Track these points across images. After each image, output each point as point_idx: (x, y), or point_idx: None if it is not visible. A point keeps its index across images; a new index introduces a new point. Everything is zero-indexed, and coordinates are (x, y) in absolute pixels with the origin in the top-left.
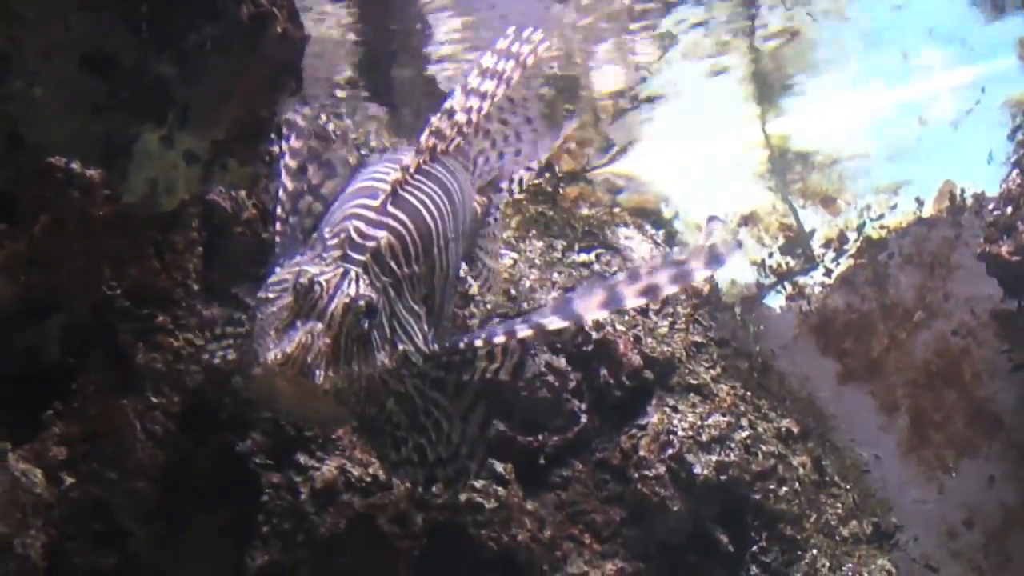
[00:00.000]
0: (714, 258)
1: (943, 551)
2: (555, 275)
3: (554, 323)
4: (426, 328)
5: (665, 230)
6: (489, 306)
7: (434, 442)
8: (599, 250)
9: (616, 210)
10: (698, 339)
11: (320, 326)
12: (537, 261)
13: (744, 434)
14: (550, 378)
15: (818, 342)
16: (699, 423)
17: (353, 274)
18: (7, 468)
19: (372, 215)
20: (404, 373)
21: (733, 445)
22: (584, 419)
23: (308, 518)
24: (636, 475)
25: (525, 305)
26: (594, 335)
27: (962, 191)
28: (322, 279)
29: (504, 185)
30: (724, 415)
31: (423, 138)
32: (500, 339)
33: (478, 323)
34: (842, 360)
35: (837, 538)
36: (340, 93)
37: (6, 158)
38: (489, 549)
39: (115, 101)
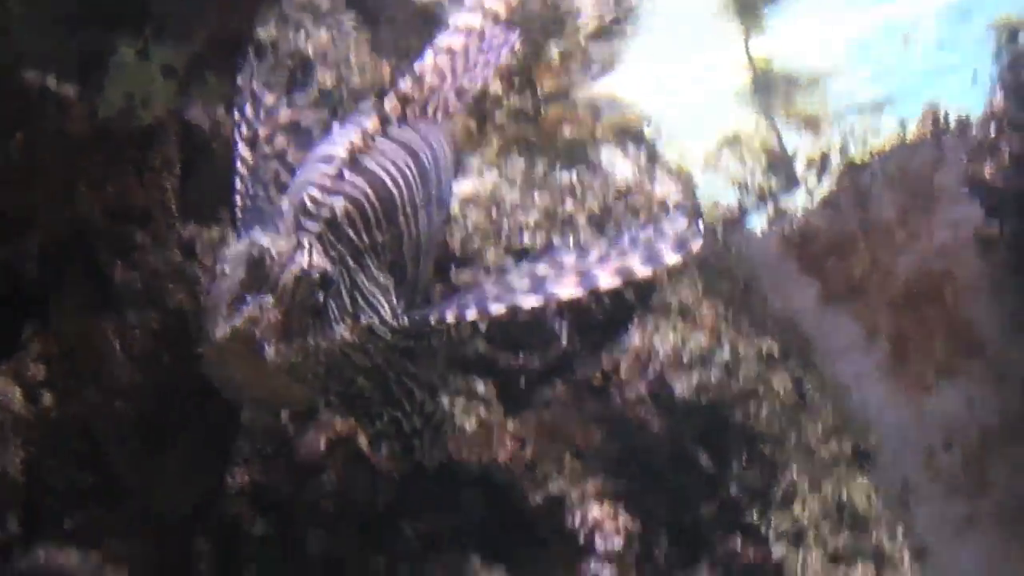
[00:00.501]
0: (681, 243)
1: (922, 472)
2: (536, 196)
3: (528, 301)
4: (394, 300)
5: (647, 150)
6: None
7: (408, 413)
8: (581, 168)
9: (598, 130)
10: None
11: (270, 299)
12: (519, 180)
13: (725, 355)
14: None
15: (800, 263)
16: (680, 344)
17: (307, 244)
18: None
19: (327, 182)
20: (370, 347)
21: (714, 366)
22: (565, 340)
23: (289, 438)
24: (617, 396)
25: (506, 223)
26: None
27: (946, 113)
28: (273, 250)
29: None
30: (705, 336)
31: (386, 103)
32: (472, 315)
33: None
34: (824, 281)
35: (817, 458)
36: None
37: None
38: (470, 468)
39: (90, 14)
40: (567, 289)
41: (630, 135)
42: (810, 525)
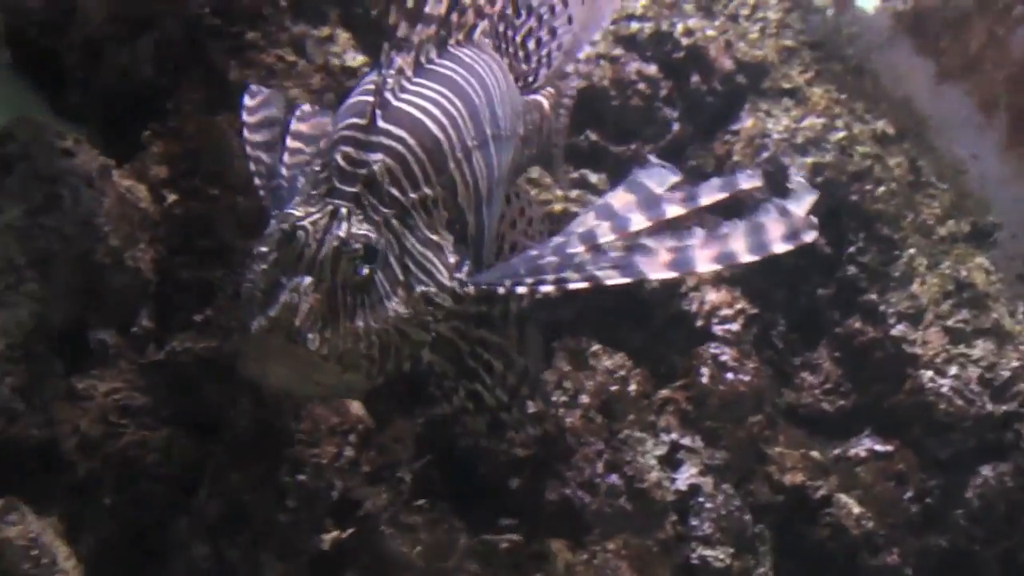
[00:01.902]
0: (793, 234)
1: None
2: None
3: (612, 278)
4: (452, 260)
5: None
6: None
7: (490, 386)
8: None
9: None
10: (790, 43)
11: (308, 280)
12: None
13: (839, 135)
14: (641, 86)
15: (913, 42)
16: (793, 126)
17: (344, 211)
18: (113, 185)
19: (360, 135)
20: (428, 319)
21: (828, 146)
22: (676, 126)
23: None
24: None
25: None
26: (684, 41)
27: None
28: (306, 222)
29: (570, 68)
30: (819, 117)
31: (417, 30)
32: (548, 287)
33: None
34: (938, 59)
35: (934, 237)
36: None
37: None
38: None
39: None
40: (659, 270)
41: None
42: (929, 304)
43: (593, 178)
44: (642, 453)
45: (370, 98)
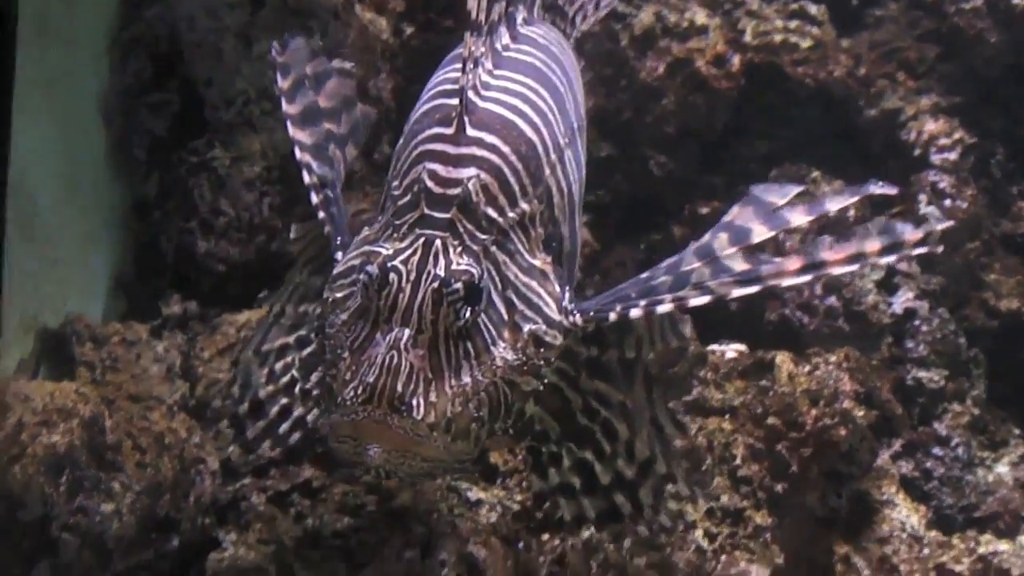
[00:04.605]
0: (926, 239)
1: None
2: None
3: (736, 292)
4: (558, 289)
5: None
6: None
7: (607, 456)
8: None
9: None
10: None
11: (407, 333)
12: None
13: None
14: None
15: None
16: None
17: (438, 244)
18: (356, 17)
19: (449, 148)
20: (539, 364)
21: None
22: None
23: (629, 63)
24: (952, 9)
25: None
26: None
27: None
28: (397, 262)
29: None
30: None
31: (492, 13)
32: (667, 307)
33: None
34: None
35: None
36: None
37: None
38: (806, 87)
39: None
40: (788, 276)
41: None
42: None
43: (812, 9)
44: (859, 277)
45: (450, 100)
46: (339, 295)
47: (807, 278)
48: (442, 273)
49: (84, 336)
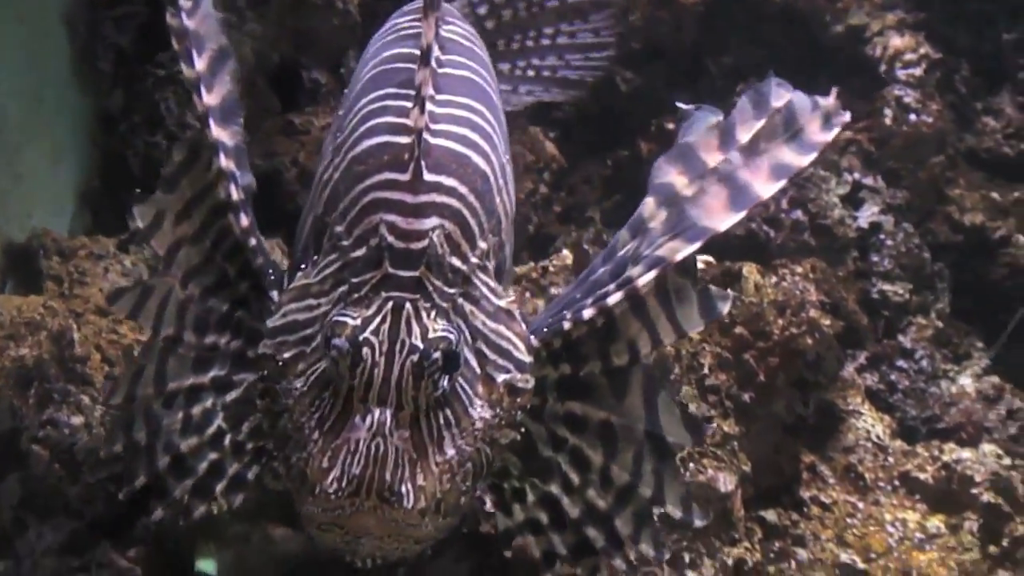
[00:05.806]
0: (828, 120)
1: None
2: None
3: (681, 250)
4: (524, 327)
5: None
6: None
7: (577, 487)
8: None
9: None
10: None
11: (388, 414)
12: None
13: None
14: None
15: None
16: None
17: (409, 309)
18: None
19: (407, 197)
20: (515, 413)
21: None
22: None
23: None
24: None
25: None
26: None
27: None
28: (368, 333)
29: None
30: None
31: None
32: (616, 297)
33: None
34: None
35: None
36: None
37: None
38: (772, 3)
39: None
40: (722, 217)
41: None
42: None
43: None
44: (825, 191)
45: (402, 139)
46: (287, 355)
47: (742, 214)
48: (419, 344)
49: (51, 250)
